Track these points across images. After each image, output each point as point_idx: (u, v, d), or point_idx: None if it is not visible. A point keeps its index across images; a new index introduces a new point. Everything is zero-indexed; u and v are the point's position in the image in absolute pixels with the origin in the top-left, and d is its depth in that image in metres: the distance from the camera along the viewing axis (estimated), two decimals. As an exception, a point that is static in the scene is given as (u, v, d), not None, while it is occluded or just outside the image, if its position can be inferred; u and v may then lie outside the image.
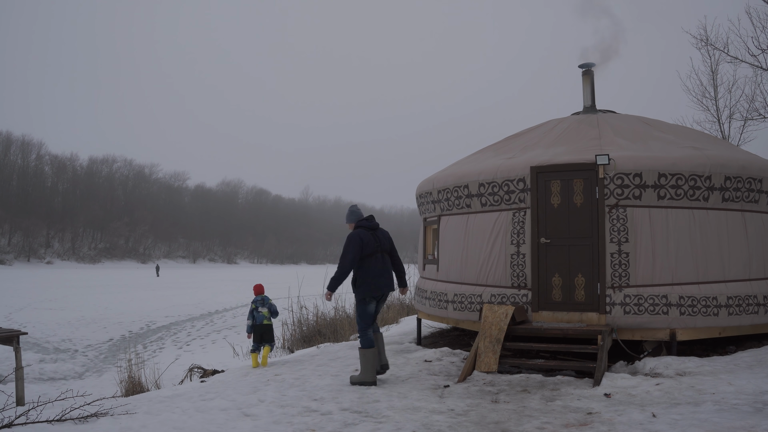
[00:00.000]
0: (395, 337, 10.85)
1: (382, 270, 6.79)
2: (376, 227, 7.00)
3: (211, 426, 5.49)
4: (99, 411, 6.05)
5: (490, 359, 7.19)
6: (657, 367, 6.73)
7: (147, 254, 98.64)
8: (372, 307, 6.84)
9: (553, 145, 8.44)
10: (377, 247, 6.82)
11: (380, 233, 6.98)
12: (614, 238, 7.41)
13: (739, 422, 4.71)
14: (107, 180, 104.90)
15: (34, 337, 18.27)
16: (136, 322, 22.67)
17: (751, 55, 12.66)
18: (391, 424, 5.33)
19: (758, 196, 7.77)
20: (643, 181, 7.39)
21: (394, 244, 7.14)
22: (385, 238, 7.01)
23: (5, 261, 74.45)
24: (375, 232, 6.94)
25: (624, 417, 5.15)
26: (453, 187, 8.79)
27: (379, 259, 6.81)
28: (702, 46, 14.39)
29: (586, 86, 10.02)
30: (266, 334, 8.92)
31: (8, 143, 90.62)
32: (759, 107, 13.95)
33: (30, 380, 12.35)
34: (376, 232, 6.95)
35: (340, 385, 6.84)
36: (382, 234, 7.01)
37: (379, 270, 6.77)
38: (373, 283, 6.74)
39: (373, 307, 6.86)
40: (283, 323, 14.57)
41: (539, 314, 7.78)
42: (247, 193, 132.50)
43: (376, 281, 6.75)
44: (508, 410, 5.64)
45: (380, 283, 6.78)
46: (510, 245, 8.03)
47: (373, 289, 6.75)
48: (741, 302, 7.39)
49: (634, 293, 7.30)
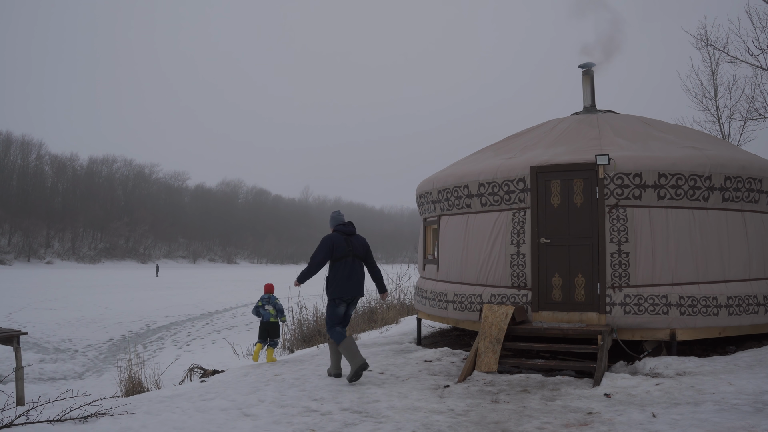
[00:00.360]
0: (395, 337, 10.85)
1: (350, 274, 7.01)
2: (352, 233, 7.24)
3: (211, 426, 5.49)
4: (99, 411, 6.04)
5: (490, 359, 7.19)
6: (657, 367, 6.73)
7: (147, 254, 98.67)
8: (341, 310, 7.10)
9: (553, 145, 8.44)
10: (348, 251, 7.04)
11: (355, 239, 7.20)
12: (614, 238, 7.41)
13: (739, 422, 4.71)
14: (107, 180, 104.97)
15: (34, 337, 18.27)
16: (136, 322, 22.67)
17: (751, 55, 12.67)
18: (391, 424, 5.33)
19: (758, 196, 7.77)
20: (643, 181, 7.39)
21: (370, 251, 7.34)
22: (360, 245, 7.19)
23: (5, 261, 74.48)
24: (350, 237, 7.18)
25: (624, 417, 5.15)
26: (453, 187, 8.79)
27: (349, 264, 7.04)
28: (702, 46, 14.40)
29: (586, 86, 10.02)
30: (272, 330, 9.21)
31: (8, 143, 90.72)
32: (759, 107, 13.96)
33: (30, 380, 12.35)
34: (351, 238, 7.18)
35: (340, 385, 6.84)
36: (357, 240, 7.22)
37: (347, 274, 7.00)
38: (340, 285, 6.99)
39: (342, 310, 7.11)
40: (283, 323, 14.58)
41: (539, 314, 7.78)
42: (247, 193, 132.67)
43: (343, 284, 6.99)
44: (508, 410, 5.64)
45: (347, 286, 7.00)
46: (510, 245, 8.04)
47: (340, 292, 6.99)
48: (741, 302, 7.39)
49: (634, 293, 7.30)
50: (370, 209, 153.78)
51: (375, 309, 15.76)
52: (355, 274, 7.07)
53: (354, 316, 15.22)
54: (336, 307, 7.07)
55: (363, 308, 15.95)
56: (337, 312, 7.08)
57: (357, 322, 14.63)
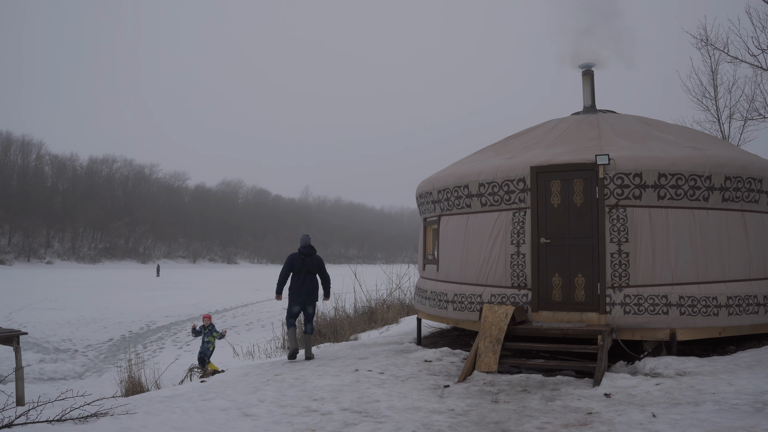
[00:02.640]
0: (395, 337, 10.85)
1: (302, 285, 9.11)
2: (310, 254, 9.27)
3: (211, 426, 5.49)
4: (99, 411, 6.05)
5: (490, 359, 7.19)
6: (657, 367, 6.73)
7: (147, 254, 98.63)
8: (295, 309, 9.19)
9: (553, 145, 8.44)
10: (303, 267, 9.15)
11: (311, 258, 9.25)
12: (614, 238, 7.41)
13: (739, 422, 4.71)
14: (107, 180, 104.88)
15: (34, 337, 18.27)
16: (136, 322, 22.67)
17: (751, 55, 12.65)
18: (391, 424, 5.33)
19: (758, 196, 7.77)
20: (643, 181, 7.39)
21: (324, 267, 9.37)
22: (314, 264, 9.24)
23: (5, 261, 74.44)
24: (306, 257, 9.21)
25: (624, 417, 5.15)
26: (453, 187, 8.79)
27: (302, 277, 9.12)
28: (702, 46, 14.39)
29: (586, 86, 10.02)
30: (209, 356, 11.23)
31: (8, 143, 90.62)
32: (759, 107, 13.96)
33: (30, 380, 12.35)
34: (307, 258, 9.22)
35: (340, 385, 6.84)
36: (312, 259, 9.26)
37: (300, 284, 9.11)
38: (294, 292, 9.15)
39: (297, 309, 9.19)
40: (283, 323, 14.57)
41: (539, 314, 7.78)
42: (247, 193, 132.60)
43: (297, 291, 9.13)
44: (508, 410, 5.64)
45: (299, 294, 9.11)
46: (510, 245, 8.03)
47: (293, 297, 9.16)
48: (741, 302, 7.39)
49: (634, 293, 7.29)
50: (370, 209, 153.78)
51: (375, 309, 15.77)
52: (306, 285, 9.11)
53: (354, 316, 15.31)
54: (291, 307, 9.20)
55: (363, 308, 15.97)
56: (292, 311, 9.20)
57: (357, 322, 14.65)
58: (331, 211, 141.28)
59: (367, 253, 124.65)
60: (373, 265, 41.71)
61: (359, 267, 18.72)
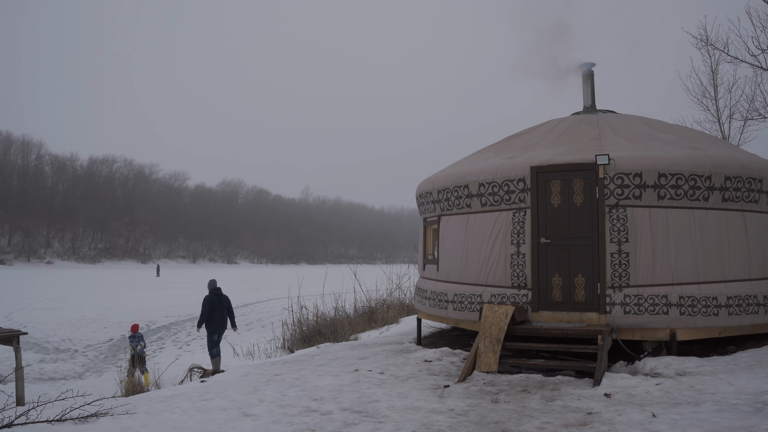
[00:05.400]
0: (395, 337, 10.85)
1: (219, 319, 12.23)
2: (220, 294, 12.38)
3: (211, 426, 5.49)
4: (99, 411, 6.05)
5: (490, 359, 7.19)
6: (657, 367, 6.73)
7: (147, 254, 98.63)
8: (215, 339, 12.04)
9: (553, 145, 8.44)
10: (219, 305, 12.26)
11: (222, 297, 12.41)
12: (614, 238, 7.41)
13: (739, 422, 4.71)
14: (107, 180, 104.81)
15: (34, 337, 18.27)
16: (136, 322, 22.64)
17: (751, 55, 12.66)
18: (391, 424, 5.33)
19: (758, 196, 7.77)
20: (643, 181, 7.39)
21: (231, 304, 12.67)
22: (225, 301, 12.46)
23: (5, 261, 74.44)
24: (219, 297, 12.30)
25: (624, 417, 5.15)
26: (453, 187, 8.79)
27: (219, 312, 12.24)
28: (702, 46, 14.38)
29: (586, 86, 10.02)
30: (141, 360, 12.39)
31: (8, 143, 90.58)
32: (759, 107, 13.95)
33: (30, 380, 12.36)
34: (220, 297, 12.33)
35: (340, 385, 6.84)
36: (223, 298, 12.42)
37: (217, 318, 12.19)
38: (212, 325, 12.11)
39: (216, 338, 12.05)
40: (283, 323, 14.58)
41: (539, 314, 7.78)
42: (247, 193, 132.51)
43: (215, 324, 12.12)
44: (508, 410, 5.64)
45: (217, 326, 12.15)
46: (510, 245, 8.04)
47: (212, 329, 12.10)
48: (741, 302, 7.39)
49: (634, 293, 7.30)
50: (370, 209, 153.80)
51: (375, 309, 15.77)
52: (221, 319, 12.28)
53: (354, 316, 15.32)
54: (211, 337, 12.07)
55: (363, 308, 15.97)
56: (213, 340, 12.04)
57: (357, 322, 14.65)
58: (331, 211, 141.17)
59: (367, 253, 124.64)
60: (373, 265, 41.68)
61: (359, 267, 18.71)
